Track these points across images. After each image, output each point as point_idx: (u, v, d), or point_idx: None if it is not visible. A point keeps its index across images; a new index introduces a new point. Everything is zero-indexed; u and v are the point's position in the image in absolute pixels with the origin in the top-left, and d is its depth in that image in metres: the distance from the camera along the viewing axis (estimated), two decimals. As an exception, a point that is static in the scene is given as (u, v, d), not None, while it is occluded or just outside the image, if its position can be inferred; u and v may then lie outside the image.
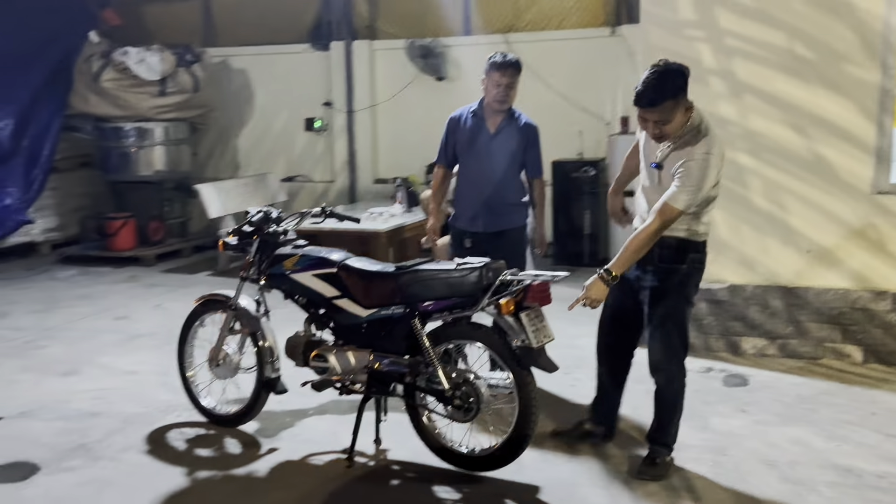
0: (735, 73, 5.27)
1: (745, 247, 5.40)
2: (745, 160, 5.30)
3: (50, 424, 4.43)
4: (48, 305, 7.26)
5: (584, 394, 4.78)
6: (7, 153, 8.86)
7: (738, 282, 5.40)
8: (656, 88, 3.37)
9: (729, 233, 5.39)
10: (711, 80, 5.32)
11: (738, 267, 5.41)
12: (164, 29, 10.73)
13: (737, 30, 5.25)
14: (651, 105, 3.38)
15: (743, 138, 5.29)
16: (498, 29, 9.30)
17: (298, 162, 10.12)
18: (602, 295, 3.50)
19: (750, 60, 5.25)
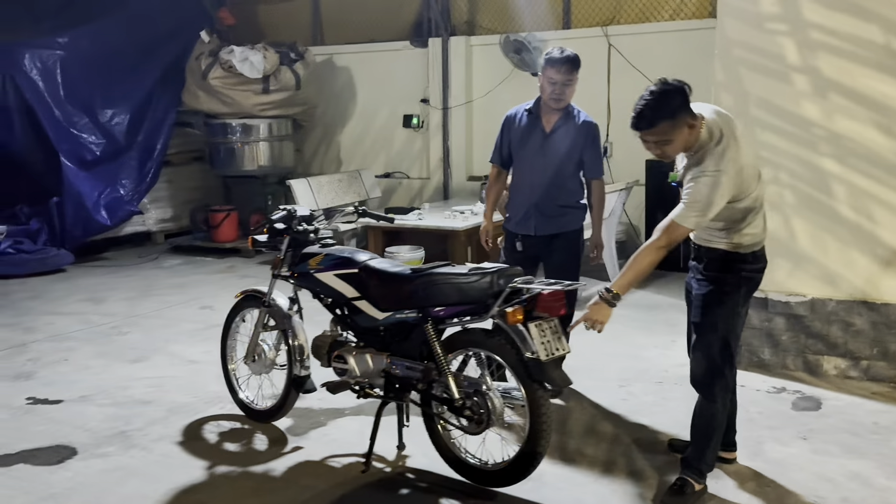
0: (820, 70, 4.79)
1: (827, 259, 4.92)
2: (829, 165, 4.83)
3: (102, 410, 4.63)
4: (143, 293, 7.63)
5: (634, 408, 4.54)
6: (122, 148, 9.38)
7: (819, 296, 4.94)
8: (654, 109, 3.16)
9: (810, 244, 4.94)
10: (794, 78, 4.87)
11: (819, 281, 4.94)
12: (275, 27, 11.09)
13: (823, 23, 4.77)
14: (648, 127, 3.18)
15: (827, 141, 4.82)
16: (598, 22, 8.98)
17: (397, 159, 10.17)
18: (606, 316, 3.28)
19: (837, 56, 4.76)
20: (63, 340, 6.07)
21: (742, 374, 5.01)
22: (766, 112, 4.97)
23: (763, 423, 4.30)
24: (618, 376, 5.05)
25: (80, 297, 7.49)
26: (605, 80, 8.80)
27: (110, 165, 9.21)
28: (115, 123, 9.38)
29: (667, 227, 3.23)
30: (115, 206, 9.06)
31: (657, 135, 3.19)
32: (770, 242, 4.92)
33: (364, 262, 3.81)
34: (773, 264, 4.96)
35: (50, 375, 5.24)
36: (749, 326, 5.13)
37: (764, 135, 4.98)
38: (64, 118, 8.87)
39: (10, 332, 6.28)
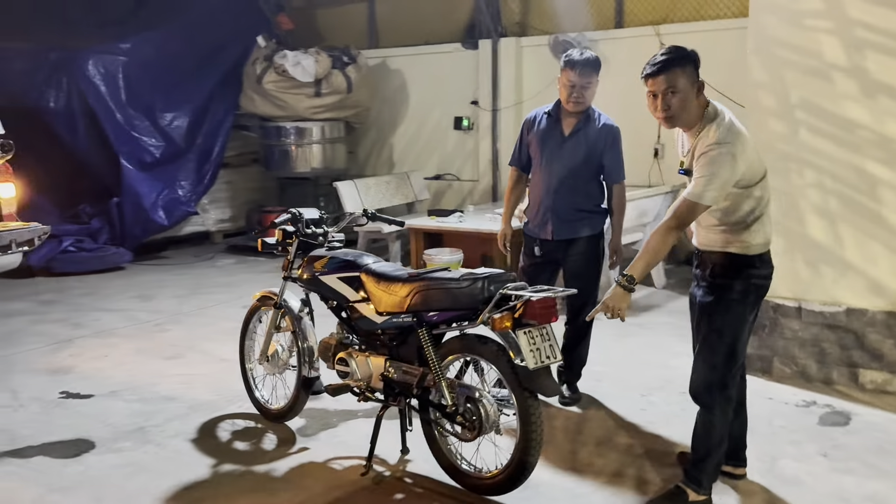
0: (867, 70, 4.55)
1: (873, 267, 4.68)
2: (876, 170, 4.60)
3: (128, 405, 4.77)
4: (192, 291, 7.84)
5: (652, 419, 4.42)
6: (181, 150, 9.66)
7: (861, 305, 4.70)
8: (667, 57, 3.19)
9: (854, 250, 4.71)
10: (837, 78, 4.65)
11: (862, 289, 4.71)
12: (333, 31, 11.25)
13: (869, 20, 4.54)
14: (661, 71, 3.15)
15: (875, 145, 4.59)
16: (651, 21, 8.78)
17: (447, 161, 10.18)
18: (624, 303, 3.16)
19: (886, 55, 4.52)
20: (107, 337, 6.28)
21: (772, 385, 4.87)
22: (809, 114, 4.77)
23: (784, 437, 4.12)
24: (642, 385, 4.93)
25: (132, 294, 7.75)
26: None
27: (169, 167, 9.50)
28: (174, 126, 9.67)
29: (679, 206, 3.15)
30: (173, 207, 9.34)
31: (667, 82, 3.13)
32: (814, 249, 4.79)
33: (366, 265, 3.82)
34: (817, 271, 4.81)
35: (87, 370, 5.43)
36: (782, 336, 4.95)
37: (807, 137, 4.78)
38: (125, 121, 9.20)
39: (59, 328, 6.54)
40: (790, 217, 4.83)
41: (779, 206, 4.87)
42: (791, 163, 4.82)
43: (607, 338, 5.85)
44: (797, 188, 4.80)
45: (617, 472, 3.80)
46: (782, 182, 4.84)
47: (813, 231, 4.80)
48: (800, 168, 4.79)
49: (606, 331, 6.10)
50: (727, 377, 3.35)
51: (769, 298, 4.93)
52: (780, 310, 4.93)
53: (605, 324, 6.07)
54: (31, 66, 9.01)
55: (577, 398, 4.69)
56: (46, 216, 8.89)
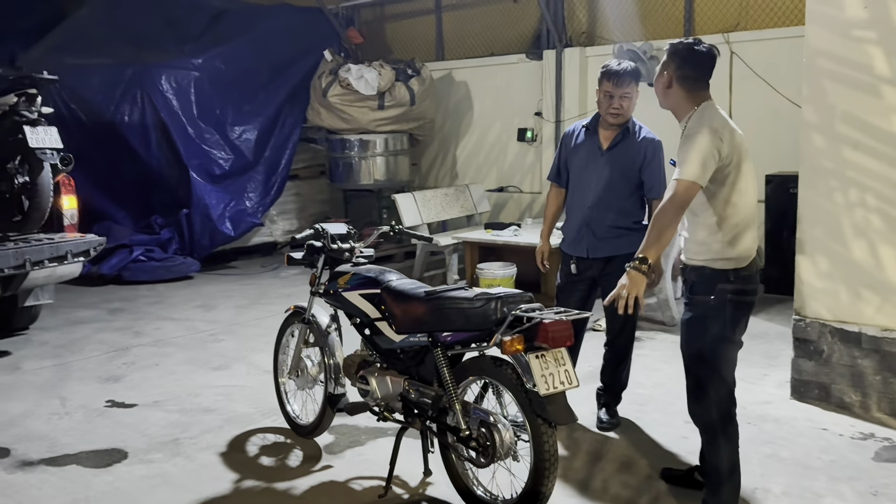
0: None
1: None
2: None
3: (167, 416, 4.84)
4: (253, 301, 7.96)
5: (692, 448, 4.18)
6: (250, 163, 9.87)
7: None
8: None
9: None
10: (885, 91, 4.36)
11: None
12: (402, 44, 11.32)
13: None
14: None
15: None
16: (721, 28, 8.48)
17: (509, 172, 10.07)
18: (641, 285, 3.13)
19: None
20: (163, 346, 6.43)
21: (828, 415, 4.60)
22: (853, 128, 4.50)
23: (831, 473, 3.85)
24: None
25: (196, 303, 7.93)
26: (728, 90, 8.29)
27: (237, 180, 9.72)
28: (243, 140, 9.88)
29: (674, 187, 3.15)
30: (239, 219, 9.53)
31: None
32: (855, 272, 4.51)
33: (387, 282, 3.76)
34: (859, 296, 4.52)
35: (136, 379, 5.56)
36: (840, 363, 4.64)
37: (850, 153, 4.51)
38: (195, 135, 9.45)
39: (120, 336, 6.74)
40: (834, 238, 4.57)
41: (822, 226, 4.60)
42: (834, 180, 4.55)
43: (657, 360, 5.64)
44: (840, 207, 4.52)
45: (632, 501, 3.61)
46: (825, 201, 4.59)
47: (857, 252, 4.51)
48: (843, 186, 4.51)
49: (659, 352, 5.90)
50: (719, 396, 3.28)
51: (826, 322, 4.66)
52: (839, 335, 4.62)
53: (650, 344, 5.88)
54: (109, 82, 9.36)
55: (615, 423, 4.51)
56: (119, 226, 9.29)
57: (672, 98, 3.39)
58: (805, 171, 4.73)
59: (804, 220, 4.73)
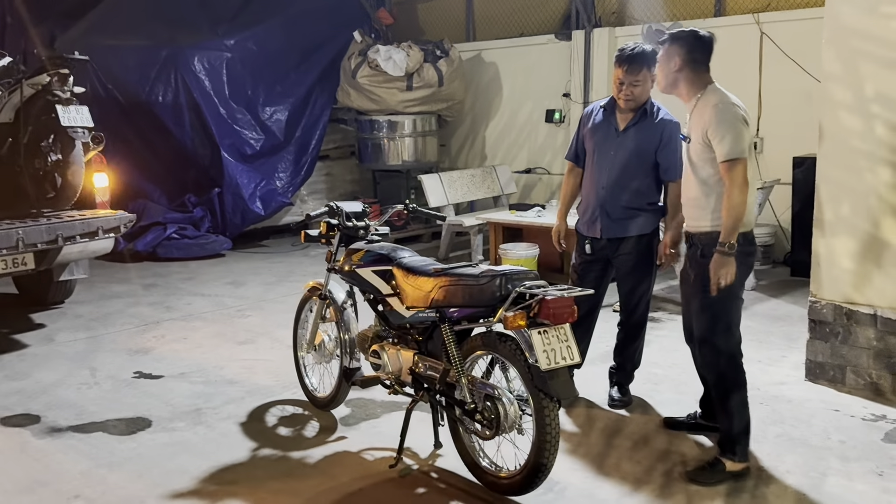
0: None
1: None
2: None
3: (192, 387, 5.01)
4: (281, 278, 8.12)
5: (701, 426, 4.22)
6: (280, 143, 10.01)
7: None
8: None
9: None
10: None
11: None
12: (433, 25, 11.35)
13: None
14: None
15: None
16: (752, 9, 8.37)
17: (538, 154, 10.08)
18: (732, 267, 3.53)
19: None
20: (192, 320, 6.61)
21: (842, 396, 4.62)
22: (885, 108, 4.44)
23: (840, 452, 3.87)
24: (700, 391, 4.72)
25: (226, 280, 8.11)
26: (757, 71, 8.20)
27: (268, 159, 9.86)
28: (274, 120, 10.01)
29: (730, 169, 3.50)
30: (270, 198, 9.68)
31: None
32: (871, 253, 4.47)
33: (399, 259, 3.85)
34: (874, 277, 4.48)
35: (165, 352, 5.74)
36: (854, 345, 4.63)
37: (883, 133, 4.45)
38: (227, 115, 9.60)
39: (152, 310, 6.93)
40: (862, 217, 4.53)
41: (850, 205, 4.57)
42: (864, 160, 4.50)
43: (675, 341, 5.64)
44: (871, 187, 4.48)
45: (643, 478, 3.68)
46: (855, 180, 4.54)
47: (887, 233, 4.47)
48: (873, 166, 4.46)
49: (674, 334, 5.89)
50: (729, 344, 3.68)
51: (842, 304, 4.65)
52: (855, 317, 4.61)
53: (670, 325, 5.89)
54: (145, 63, 9.55)
55: (627, 401, 4.56)
56: (155, 205, 9.50)
57: (682, 81, 3.73)
58: (824, 152, 4.70)
59: (823, 201, 4.70)
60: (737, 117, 3.57)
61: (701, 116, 3.64)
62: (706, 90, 3.70)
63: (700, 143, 3.64)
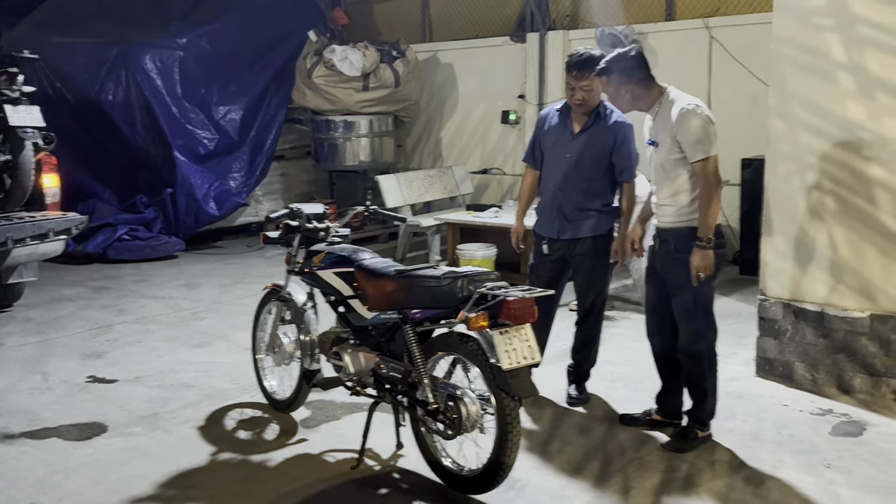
0: (867, 68, 4.40)
1: (868, 272, 4.53)
2: (874, 171, 4.46)
3: (148, 391, 4.95)
4: (236, 280, 8.05)
5: (656, 423, 4.32)
6: (234, 143, 9.91)
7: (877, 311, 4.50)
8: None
9: (851, 254, 4.57)
10: (840, 77, 4.51)
11: (857, 294, 4.56)
12: (389, 26, 11.35)
13: (871, 16, 4.39)
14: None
15: (873, 146, 4.45)
16: (702, 13, 8.55)
17: (493, 154, 10.16)
18: (710, 260, 3.78)
19: (886, 53, 4.36)
20: (146, 323, 6.52)
21: (791, 392, 4.76)
22: (810, 113, 4.65)
23: (791, 446, 4.00)
24: (655, 388, 4.80)
25: (180, 282, 8.01)
26: (707, 74, 8.39)
27: (222, 160, 9.76)
28: (228, 120, 9.91)
29: (703, 167, 3.73)
30: (224, 198, 9.58)
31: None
32: (812, 253, 4.67)
33: (360, 260, 3.86)
34: (816, 276, 4.67)
35: (118, 356, 5.65)
36: (801, 342, 4.78)
37: (807, 137, 4.66)
38: (180, 114, 9.48)
39: (104, 313, 6.82)
40: (804, 218, 4.71)
41: (793, 206, 4.73)
42: (791, 163, 4.69)
43: (629, 339, 5.77)
44: (809, 190, 4.65)
45: (604, 476, 3.74)
46: (782, 183, 4.73)
47: (813, 234, 4.67)
48: (800, 169, 4.65)
49: (630, 331, 6.02)
50: (709, 333, 4.00)
51: (790, 302, 4.79)
52: (802, 314, 4.76)
53: (625, 323, 6.00)
54: (94, 61, 9.38)
55: (584, 399, 4.64)
56: (105, 205, 9.34)
57: (638, 101, 3.96)
58: (769, 155, 4.85)
59: (769, 203, 4.85)
60: (702, 117, 3.76)
61: (666, 121, 3.82)
62: (663, 97, 3.90)
63: (668, 146, 3.81)
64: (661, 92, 3.90)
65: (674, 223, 3.92)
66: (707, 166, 3.74)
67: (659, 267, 4.05)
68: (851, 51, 4.47)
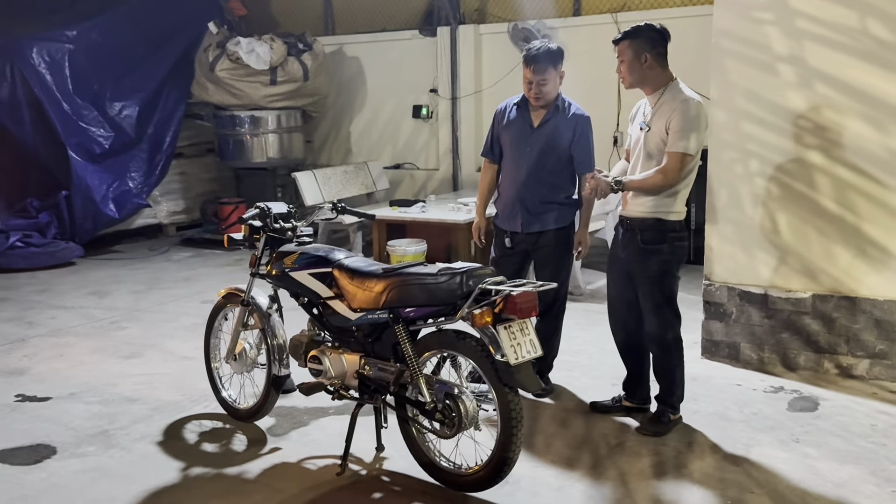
0: (806, 60, 4.64)
1: (810, 253, 4.79)
2: (814, 158, 4.71)
3: (89, 408, 4.61)
4: (149, 286, 7.63)
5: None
6: (132, 141, 9.39)
7: (817, 291, 4.77)
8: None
9: (793, 237, 4.82)
10: (781, 69, 4.74)
11: (802, 276, 4.82)
12: (288, 18, 11.04)
13: (808, 10, 4.63)
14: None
15: (813, 133, 4.69)
16: (609, 8, 8.79)
17: (405, 149, 10.09)
18: (606, 192, 3.88)
19: (824, 46, 4.62)
20: (63, 335, 6.08)
21: (739, 371, 4.96)
22: (752, 104, 4.87)
23: (756, 424, 4.17)
24: (612, 374, 4.92)
25: (87, 290, 7.52)
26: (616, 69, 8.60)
27: (119, 158, 9.24)
28: (124, 116, 9.38)
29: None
30: (124, 200, 9.08)
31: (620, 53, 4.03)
32: (754, 237, 4.88)
33: (338, 260, 3.74)
34: (759, 259, 4.89)
35: (43, 372, 5.24)
36: (746, 323, 5.00)
37: (749, 127, 4.88)
38: (72, 112, 8.87)
39: (12, 327, 6.31)
40: (746, 205, 4.93)
41: (734, 194, 4.94)
42: (733, 151, 4.91)
43: (574, 327, 5.86)
44: (748, 178, 4.88)
45: (592, 464, 3.78)
46: (725, 172, 4.94)
47: (756, 219, 4.91)
48: (742, 157, 4.87)
49: (572, 320, 6.10)
50: (675, 322, 4.09)
51: (734, 285, 5.00)
52: (746, 297, 4.97)
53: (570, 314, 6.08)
54: (-27, 55, 8.66)
55: (549, 389, 4.67)
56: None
57: (650, 76, 3.93)
58: (712, 145, 5.04)
59: (712, 190, 5.04)
60: (703, 114, 3.83)
61: (667, 109, 3.83)
62: (671, 84, 3.91)
63: (661, 132, 3.84)
64: (671, 78, 3.92)
65: (644, 212, 3.94)
66: (679, 161, 3.77)
67: (624, 257, 4.10)
68: (790, 43, 4.69)
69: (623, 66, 3.98)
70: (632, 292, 4.14)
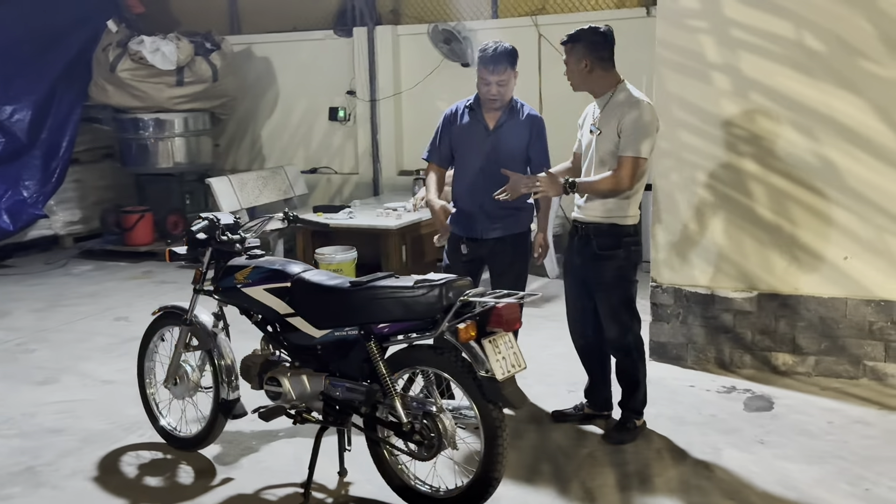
0: (740, 69, 4.70)
1: (746, 261, 4.86)
2: (748, 166, 4.77)
3: (6, 442, 4.17)
4: (52, 304, 7.07)
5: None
6: (24, 146, 8.71)
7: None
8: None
9: (728, 244, 4.88)
10: (715, 77, 4.78)
11: (738, 279, 4.89)
12: (189, 16, 10.49)
13: (742, 20, 4.68)
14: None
15: (747, 142, 4.75)
16: (527, 11, 8.77)
17: (319, 153, 9.77)
18: (553, 190, 3.79)
19: (756, 55, 4.68)
20: (-39, 362, 5.52)
21: (689, 372, 4.99)
22: (687, 112, 4.89)
23: (719, 426, 4.17)
24: (566, 380, 4.83)
25: (-19, 310, 6.89)
26: (537, 71, 8.60)
27: (11, 166, 8.56)
28: (14, 120, 8.68)
29: (631, 164, 3.67)
30: (18, 210, 8.42)
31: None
32: (688, 243, 4.93)
33: (297, 274, 3.48)
34: (691, 264, 4.94)
35: (-55, 404, 4.73)
36: (694, 325, 5.02)
37: (684, 136, 4.91)
38: (-43, 116, 8.16)
39: None
40: (671, 213, 4.98)
41: (677, 198, 4.96)
42: (670, 160, 4.93)
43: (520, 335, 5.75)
44: (675, 185, 4.92)
45: (565, 478, 3.68)
46: (662, 180, 4.96)
47: (693, 225, 4.95)
48: (679, 166, 4.91)
49: (516, 326, 6.02)
50: (634, 325, 4.02)
51: (681, 287, 5.02)
52: (693, 297, 5.00)
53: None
54: None
55: (510, 404, 4.54)
56: None
57: (594, 80, 3.85)
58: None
59: (657, 195, 5.04)
60: (654, 117, 3.78)
61: (617, 112, 3.76)
62: (619, 86, 3.83)
63: (613, 137, 3.75)
64: (618, 80, 3.85)
65: (597, 217, 3.88)
66: (632, 165, 3.69)
67: (579, 263, 4.03)
68: (725, 53, 4.73)
69: (567, 70, 3.90)
70: (588, 299, 4.07)
